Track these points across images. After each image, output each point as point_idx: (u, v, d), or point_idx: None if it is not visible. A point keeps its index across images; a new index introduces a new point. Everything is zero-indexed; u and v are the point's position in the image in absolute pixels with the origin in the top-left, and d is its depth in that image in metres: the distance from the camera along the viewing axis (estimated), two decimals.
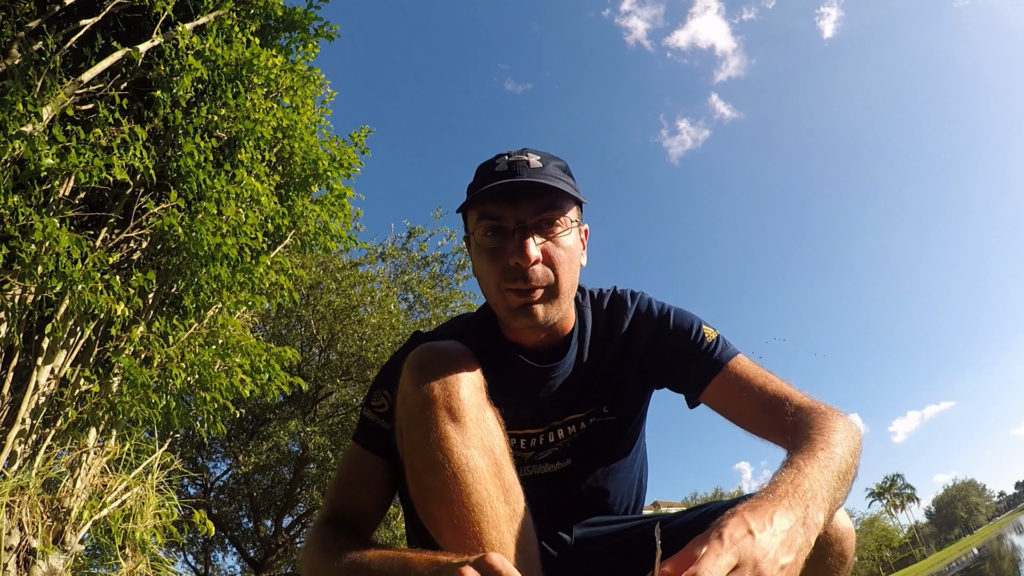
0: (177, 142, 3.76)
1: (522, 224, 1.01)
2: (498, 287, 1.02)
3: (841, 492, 0.81)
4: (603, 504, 1.18)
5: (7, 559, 2.62)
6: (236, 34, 4.06)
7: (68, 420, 3.26)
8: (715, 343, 1.09)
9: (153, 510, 3.30)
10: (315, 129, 4.66)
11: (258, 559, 10.87)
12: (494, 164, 1.06)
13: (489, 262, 1.03)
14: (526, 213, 1.01)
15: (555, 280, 1.02)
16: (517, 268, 1.00)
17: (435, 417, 0.88)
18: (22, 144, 2.90)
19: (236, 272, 3.77)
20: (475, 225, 1.05)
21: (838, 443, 0.85)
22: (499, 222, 1.02)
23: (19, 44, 3.35)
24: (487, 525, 0.84)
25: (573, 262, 1.05)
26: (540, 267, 1.01)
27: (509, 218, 1.01)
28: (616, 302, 1.18)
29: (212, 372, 3.66)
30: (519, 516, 0.89)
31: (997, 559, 18.89)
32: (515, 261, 0.99)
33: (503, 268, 1.01)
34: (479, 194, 1.01)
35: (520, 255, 0.99)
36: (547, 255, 1.02)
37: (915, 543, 74.60)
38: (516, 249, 0.99)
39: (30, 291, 3.12)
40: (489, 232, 1.03)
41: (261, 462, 10.33)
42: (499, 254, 1.02)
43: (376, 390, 1.09)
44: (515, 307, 1.01)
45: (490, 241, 1.03)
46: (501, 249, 1.02)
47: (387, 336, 9.17)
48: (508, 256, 1.00)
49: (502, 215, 1.02)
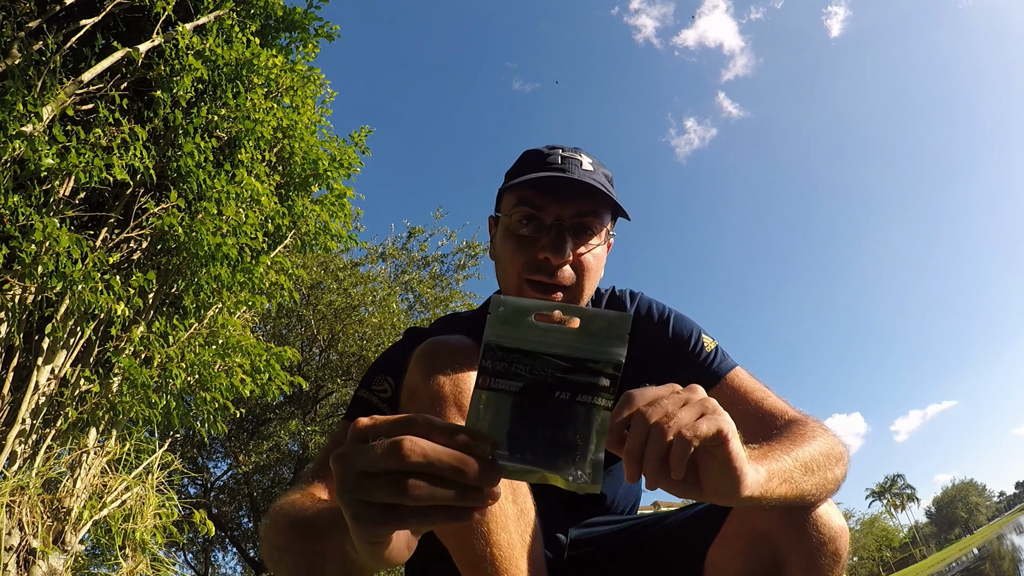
0: (177, 142, 3.76)
1: (561, 222, 1.01)
2: (518, 275, 1.02)
3: (807, 481, 0.80)
4: (600, 506, 1.17)
5: (7, 559, 2.62)
6: (236, 34, 4.06)
7: (68, 420, 3.26)
8: (713, 354, 1.08)
9: (153, 510, 3.30)
10: (315, 129, 4.67)
11: (258, 559, 10.87)
12: (545, 155, 1.06)
13: (516, 248, 1.03)
14: (567, 212, 1.01)
15: (579, 285, 1.02)
16: (546, 263, 0.99)
17: (445, 414, 0.87)
18: (22, 144, 2.90)
19: (236, 272, 3.78)
20: (511, 208, 1.04)
21: (808, 440, 0.86)
22: (538, 212, 1.02)
23: (19, 44, 3.35)
24: (495, 524, 0.84)
25: (598, 272, 1.06)
26: (568, 269, 1.01)
27: (550, 212, 1.01)
28: (615, 303, 1.17)
29: (212, 372, 3.66)
30: (527, 516, 0.88)
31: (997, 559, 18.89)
32: (546, 256, 0.99)
33: (530, 258, 1.01)
34: (529, 180, 1.01)
35: (553, 252, 0.98)
36: (577, 259, 1.02)
37: (915, 543, 74.63)
38: (550, 244, 0.99)
39: (30, 291, 3.13)
40: (524, 220, 1.02)
41: (261, 462, 10.33)
42: (529, 244, 1.01)
43: (377, 375, 1.05)
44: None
45: (524, 229, 1.02)
46: (533, 240, 1.01)
47: (388, 336, 9.16)
48: (540, 249, 1.00)
49: (543, 207, 1.01)
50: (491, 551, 0.83)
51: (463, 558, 0.86)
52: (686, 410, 0.60)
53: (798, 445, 0.84)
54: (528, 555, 0.86)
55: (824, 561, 0.88)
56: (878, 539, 57.40)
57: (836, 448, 0.89)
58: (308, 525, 0.76)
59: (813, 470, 0.82)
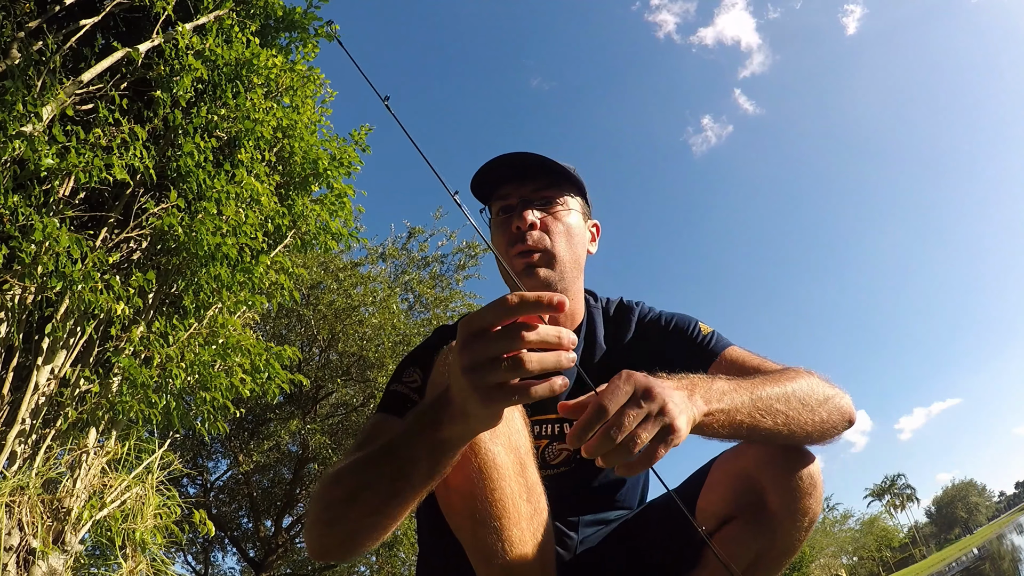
0: (177, 142, 3.76)
1: (524, 198, 1.17)
2: (507, 255, 1.15)
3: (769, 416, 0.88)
4: (610, 502, 1.20)
5: (7, 559, 2.62)
6: (236, 34, 4.06)
7: (68, 420, 3.26)
8: (710, 336, 1.18)
9: (153, 510, 3.30)
10: (315, 129, 4.66)
11: (258, 559, 10.86)
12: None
13: (499, 235, 1.18)
14: (527, 190, 1.18)
15: (553, 245, 1.14)
16: (518, 232, 1.14)
17: None
18: (22, 144, 2.90)
19: (236, 272, 3.77)
20: (492, 208, 1.22)
21: (783, 380, 0.94)
22: (506, 200, 1.18)
23: (19, 44, 3.35)
24: (508, 522, 0.86)
25: (572, 237, 1.18)
26: (537, 232, 1.15)
27: (514, 195, 1.18)
28: (622, 309, 1.27)
29: (212, 372, 3.66)
30: (540, 515, 0.91)
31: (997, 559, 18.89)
32: (516, 226, 1.14)
33: (509, 237, 1.15)
34: (482, 172, 1.17)
35: (519, 219, 1.14)
36: (545, 225, 1.16)
37: (915, 543, 74.61)
38: (517, 216, 1.15)
39: (30, 291, 3.12)
40: (500, 210, 1.19)
41: (261, 462, 10.32)
42: (506, 225, 1.17)
43: (407, 368, 1.14)
44: (519, 269, 1.13)
45: (501, 217, 1.19)
46: (508, 220, 1.17)
47: (388, 336, 9.16)
48: (512, 224, 1.15)
49: (508, 194, 1.18)
50: (503, 547, 0.86)
51: (476, 552, 0.88)
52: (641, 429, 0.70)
53: (768, 385, 0.91)
54: (539, 552, 0.88)
55: (800, 484, 0.95)
56: (878, 539, 57.36)
57: (818, 390, 0.96)
58: (389, 448, 0.79)
59: (789, 402, 0.91)
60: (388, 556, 10.89)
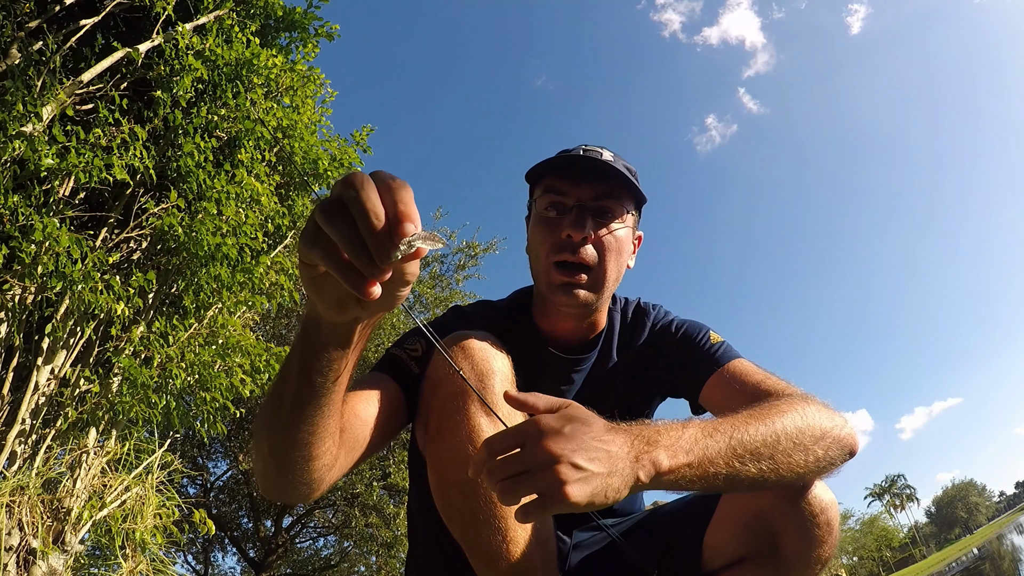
0: (177, 142, 3.76)
1: (581, 203, 1.06)
2: (546, 258, 1.06)
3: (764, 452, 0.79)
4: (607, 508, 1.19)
5: (7, 559, 2.61)
6: (236, 34, 4.05)
7: (68, 420, 3.26)
8: (718, 346, 1.13)
9: (153, 510, 3.30)
10: (315, 129, 4.66)
11: (258, 559, 10.86)
12: (569, 149, 1.11)
13: (543, 233, 1.08)
14: (587, 194, 1.07)
15: (601, 265, 1.06)
16: (568, 241, 1.04)
17: (467, 409, 0.88)
18: (22, 144, 2.90)
19: (236, 272, 3.77)
20: (538, 197, 1.11)
21: (772, 415, 0.84)
22: (561, 198, 1.07)
23: (19, 44, 3.35)
24: (512, 522, 0.85)
25: (621, 255, 1.10)
26: (590, 247, 1.05)
27: (571, 196, 1.07)
28: (638, 313, 1.22)
29: (212, 372, 3.66)
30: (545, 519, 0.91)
31: (997, 559, 18.88)
32: (567, 234, 1.04)
33: (555, 241, 1.05)
34: (544, 163, 1.08)
35: (573, 228, 1.03)
36: (598, 239, 1.06)
37: (915, 543, 74.60)
38: (571, 223, 1.04)
39: (30, 291, 3.12)
40: (549, 206, 1.08)
41: None
42: (554, 226, 1.07)
43: (412, 337, 1.09)
44: (558, 284, 1.05)
45: (549, 214, 1.08)
46: (557, 222, 1.07)
47: (387, 336, 9.16)
48: (562, 229, 1.05)
49: (565, 191, 1.07)
50: (507, 547, 0.85)
51: (479, 553, 0.87)
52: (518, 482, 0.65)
53: (753, 424, 0.81)
54: (543, 553, 0.88)
55: (818, 532, 0.92)
56: (878, 539, 57.36)
57: (815, 423, 0.86)
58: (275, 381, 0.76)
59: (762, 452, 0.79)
60: (387, 557, 10.89)
